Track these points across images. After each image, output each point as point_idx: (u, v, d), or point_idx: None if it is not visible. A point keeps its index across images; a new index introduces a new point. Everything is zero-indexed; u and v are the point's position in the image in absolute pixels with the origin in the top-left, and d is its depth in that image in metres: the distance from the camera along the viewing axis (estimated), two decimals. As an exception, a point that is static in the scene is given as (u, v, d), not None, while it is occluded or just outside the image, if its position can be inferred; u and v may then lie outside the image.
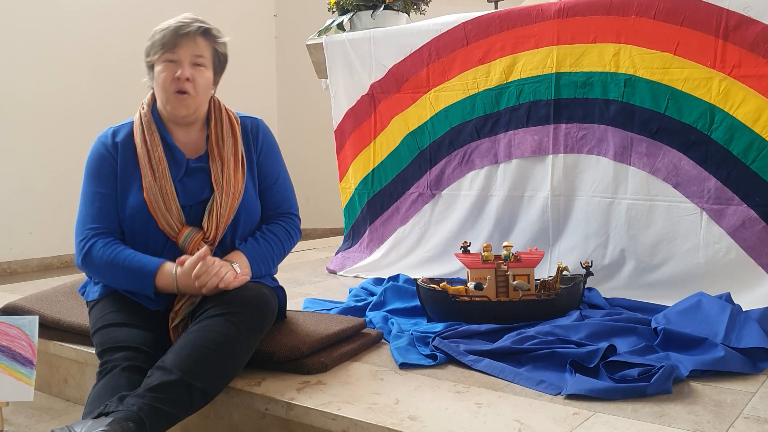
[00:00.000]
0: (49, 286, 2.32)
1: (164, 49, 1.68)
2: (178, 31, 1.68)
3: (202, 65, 1.72)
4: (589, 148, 2.47)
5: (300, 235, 1.89)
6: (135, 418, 1.27)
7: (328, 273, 3.10)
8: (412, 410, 1.43)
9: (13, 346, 1.62)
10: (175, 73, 1.68)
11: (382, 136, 3.04)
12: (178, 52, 1.68)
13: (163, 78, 1.69)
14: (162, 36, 1.68)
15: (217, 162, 1.74)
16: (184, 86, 1.68)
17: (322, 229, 5.49)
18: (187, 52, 1.69)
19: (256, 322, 1.59)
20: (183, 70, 1.68)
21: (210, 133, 1.78)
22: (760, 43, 2.11)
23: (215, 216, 1.70)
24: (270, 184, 1.85)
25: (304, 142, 5.64)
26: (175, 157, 1.73)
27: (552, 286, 2.14)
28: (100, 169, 1.73)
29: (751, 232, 2.15)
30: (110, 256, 1.64)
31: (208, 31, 1.73)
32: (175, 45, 1.68)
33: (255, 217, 1.81)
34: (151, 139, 1.72)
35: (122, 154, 1.73)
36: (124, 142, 1.74)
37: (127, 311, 1.62)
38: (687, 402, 1.46)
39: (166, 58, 1.69)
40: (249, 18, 5.65)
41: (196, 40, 1.70)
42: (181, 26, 1.68)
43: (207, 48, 1.73)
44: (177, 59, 1.68)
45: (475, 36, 2.71)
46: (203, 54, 1.71)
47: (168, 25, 1.70)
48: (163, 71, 1.69)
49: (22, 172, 4.44)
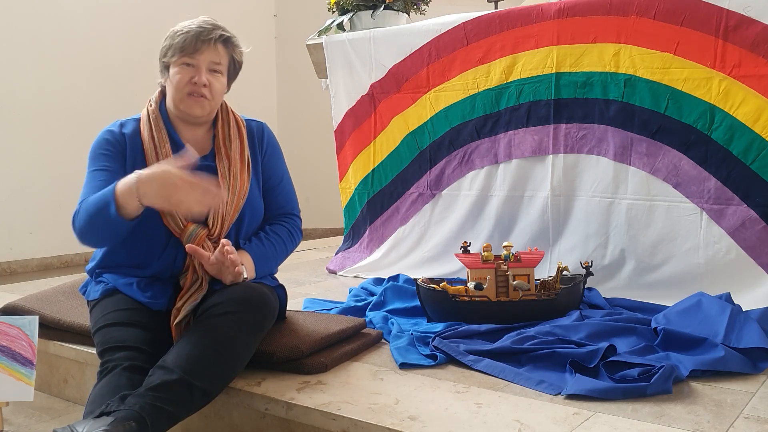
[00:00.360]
0: (49, 286, 2.32)
1: (183, 53, 1.69)
2: (200, 36, 1.69)
3: (219, 72, 1.74)
4: (589, 148, 2.47)
5: (301, 235, 1.92)
6: (136, 417, 1.27)
7: (328, 273, 3.10)
8: (412, 410, 1.43)
9: (13, 346, 1.62)
10: (192, 78, 1.69)
11: (382, 136, 3.04)
12: (197, 57, 1.69)
13: (178, 80, 1.70)
14: (182, 39, 1.69)
15: (224, 161, 1.76)
16: (200, 91, 1.70)
17: (322, 229, 5.49)
18: (206, 58, 1.70)
19: (258, 322, 1.59)
20: (200, 76, 1.69)
21: (217, 133, 1.80)
22: (760, 43, 2.11)
23: (221, 214, 1.71)
24: (274, 185, 1.87)
25: (304, 142, 5.64)
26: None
27: (552, 286, 2.14)
28: (105, 149, 1.72)
29: (751, 232, 2.15)
30: (83, 206, 1.60)
31: (228, 40, 1.75)
32: (195, 50, 1.69)
33: (259, 217, 1.83)
34: (159, 136, 1.73)
35: (130, 146, 1.73)
36: (131, 135, 1.74)
37: (129, 311, 1.62)
38: (687, 402, 1.46)
39: (184, 62, 1.70)
40: (249, 18, 5.64)
41: (217, 47, 1.72)
42: (202, 31, 1.69)
43: (225, 55, 1.75)
44: (195, 64, 1.70)
45: (475, 36, 2.71)
46: (221, 61, 1.73)
47: (189, 28, 1.70)
48: (179, 73, 1.70)
49: (22, 172, 4.44)
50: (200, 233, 1.69)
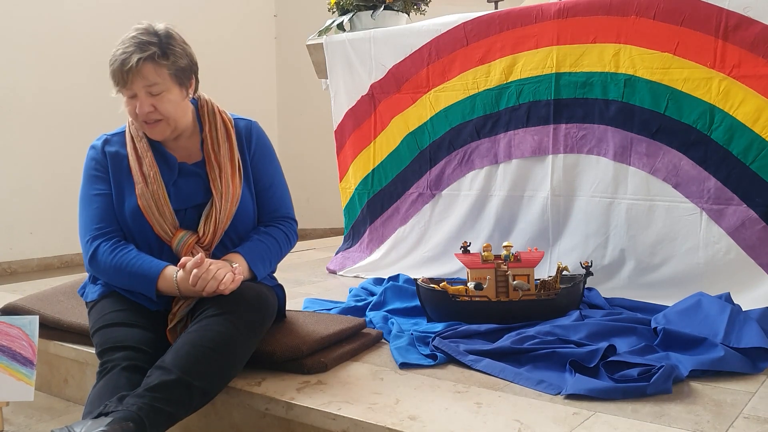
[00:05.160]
0: (49, 286, 2.32)
1: (118, 86, 1.64)
2: (123, 67, 1.60)
3: (159, 93, 1.63)
4: (589, 148, 2.47)
5: (297, 239, 1.88)
6: (135, 418, 1.27)
7: (328, 273, 3.10)
8: (412, 410, 1.43)
9: (13, 346, 1.62)
10: (135, 109, 1.65)
11: (382, 136, 3.04)
12: (131, 87, 1.62)
13: (129, 111, 1.68)
14: (112, 72, 1.63)
15: (214, 168, 1.73)
16: (150, 117, 1.66)
17: (322, 229, 5.50)
18: (139, 84, 1.61)
19: (256, 322, 1.59)
20: (141, 105, 1.63)
21: (204, 137, 1.76)
22: (760, 43, 2.11)
23: (213, 222, 1.69)
24: (265, 187, 1.83)
25: (304, 143, 5.64)
26: (167, 161, 1.73)
27: (552, 286, 2.14)
28: (95, 172, 1.74)
29: (751, 232, 2.15)
30: (114, 261, 1.64)
31: (151, 57, 1.60)
32: (126, 81, 1.61)
33: (251, 222, 1.80)
34: (140, 147, 1.72)
35: (114, 164, 1.73)
36: (114, 153, 1.74)
37: (127, 311, 1.63)
38: (687, 402, 1.46)
39: (124, 94, 1.66)
40: (249, 18, 5.65)
41: (142, 72, 1.60)
42: (125, 59, 1.59)
43: (159, 73, 1.62)
44: (133, 93, 1.64)
45: (475, 36, 2.71)
46: (156, 81, 1.62)
47: (114, 57, 1.62)
48: (126, 104, 1.67)
49: (22, 172, 4.44)
50: (189, 240, 1.68)
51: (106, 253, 1.65)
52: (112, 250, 1.65)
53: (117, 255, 1.65)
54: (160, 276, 1.61)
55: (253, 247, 1.74)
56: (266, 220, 1.83)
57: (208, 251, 1.69)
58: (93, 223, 1.70)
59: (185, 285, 1.58)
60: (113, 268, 1.64)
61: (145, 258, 1.65)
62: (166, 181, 1.70)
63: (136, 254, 1.65)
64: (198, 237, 1.69)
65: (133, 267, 1.63)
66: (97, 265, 1.67)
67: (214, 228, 1.69)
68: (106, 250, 1.66)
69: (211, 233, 1.69)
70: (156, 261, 1.64)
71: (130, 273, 1.63)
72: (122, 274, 1.64)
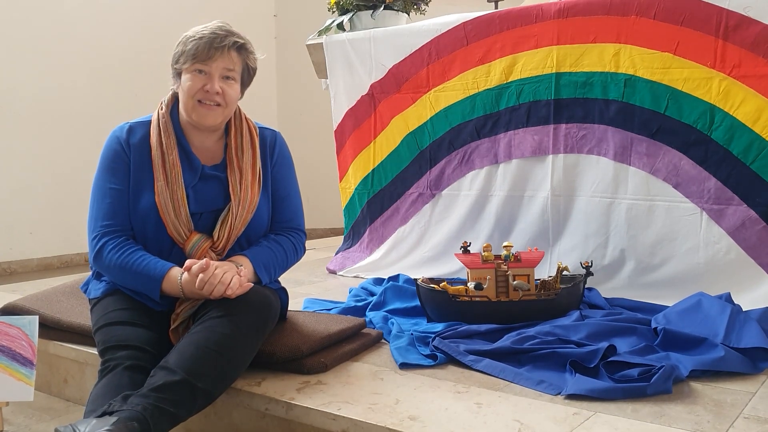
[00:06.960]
0: (49, 286, 2.32)
1: (196, 60, 1.66)
2: (212, 43, 1.65)
3: (233, 79, 1.70)
4: (589, 148, 2.47)
5: (304, 252, 1.88)
6: (139, 418, 1.27)
7: (328, 273, 3.10)
8: (412, 410, 1.43)
9: (13, 346, 1.62)
10: (204, 86, 1.66)
11: (382, 136, 3.04)
12: (209, 64, 1.66)
13: (190, 86, 1.67)
14: (195, 46, 1.66)
15: (235, 173, 1.73)
16: (213, 99, 1.67)
17: (322, 229, 5.49)
18: (219, 65, 1.67)
19: (259, 324, 1.58)
20: (213, 83, 1.66)
21: (229, 142, 1.77)
22: (760, 43, 2.11)
23: (228, 227, 1.69)
24: (281, 197, 1.84)
25: (304, 143, 5.62)
26: (191, 163, 1.72)
27: (552, 286, 2.14)
28: (113, 164, 1.72)
29: (751, 232, 2.16)
30: (120, 260, 1.64)
31: (242, 47, 1.71)
32: (208, 57, 1.66)
33: (263, 230, 1.80)
34: (167, 142, 1.71)
35: (136, 155, 1.71)
36: (138, 143, 1.72)
37: (131, 310, 1.62)
38: (687, 402, 1.46)
39: (197, 69, 1.67)
40: (249, 18, 5.63)
41: (230, 54, 1.68)
42: (215, 38, 1.66)
43: (239, 62, 1.71)
44: (208, 71, 1.67)
45: (475, 36, 2.71)
46: (234, 68, 1.70)
47: (202, 34, 1.67)
48: (191, 80, 1.67)
49: (22, 172, 4.44)
50: (203, 245, 1.68)
51: (113, 251, 1.65)
52: (118, 249, 1.65)
53: (123, 254, 1.64)
54: (164, 277, 1.61)
55: (261, 253, 1.74)
56: (277, 229, 1.83)
57: (221, 256, 1.69)
58: (103, 219, 1.68)
59: (190, 287, 1.58)
60: (118, 266, 1.64)
61: (151, 258, 1.64)
62: (186, 183, 1.69)
63: (141, 254, 1.65)
64: (212, 242, 1.69)
65: (138, 267, 1.63)
66: (102, 262, 1.67)
67: (228, 233, 1.69)
68: (113, 248, 1.65)
69: (225, 238, 1.69)
70: (161, 262, 1.64)
71: (135, 273, 1.63)
72: (127, 273, 1.64)
